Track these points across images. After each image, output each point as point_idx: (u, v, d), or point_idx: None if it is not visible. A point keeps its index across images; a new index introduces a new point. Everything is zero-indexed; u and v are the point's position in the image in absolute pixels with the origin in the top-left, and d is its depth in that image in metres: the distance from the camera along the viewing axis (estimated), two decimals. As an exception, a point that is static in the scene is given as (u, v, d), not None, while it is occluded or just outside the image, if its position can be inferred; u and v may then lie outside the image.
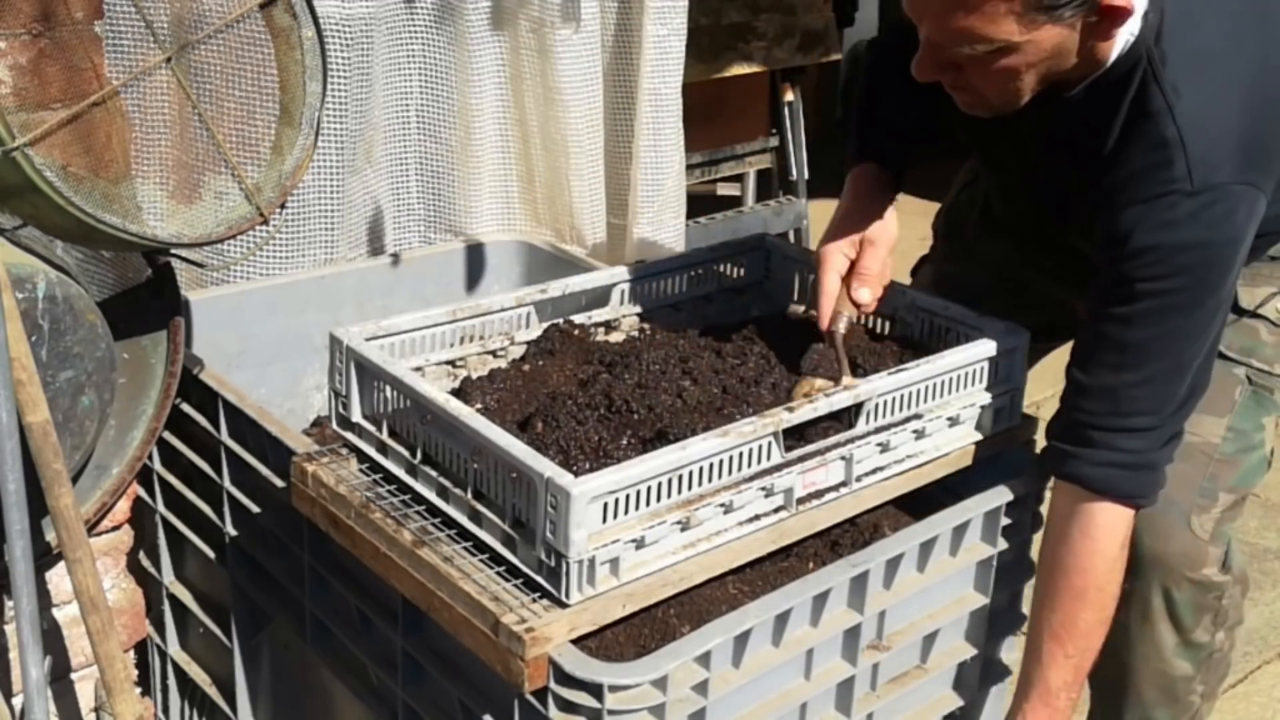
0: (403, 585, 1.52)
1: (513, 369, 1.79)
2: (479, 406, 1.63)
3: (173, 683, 2.19)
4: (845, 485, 1.64)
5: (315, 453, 1.69)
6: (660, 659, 1.41)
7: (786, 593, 1.53)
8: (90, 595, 1.66)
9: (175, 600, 2.13)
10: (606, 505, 1.40)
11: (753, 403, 1.65)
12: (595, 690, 1.37)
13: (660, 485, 1.45)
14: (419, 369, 1.72)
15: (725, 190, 4.75)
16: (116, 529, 2.02)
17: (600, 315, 1.93)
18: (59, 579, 1.94)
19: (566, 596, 1.40)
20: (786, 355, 1.77)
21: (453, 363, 1.79)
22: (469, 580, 1.45)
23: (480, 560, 1.48)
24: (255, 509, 1.88)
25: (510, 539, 1.47)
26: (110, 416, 1.84)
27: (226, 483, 1.92)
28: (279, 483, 1.78)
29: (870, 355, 1.81)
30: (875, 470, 1.67)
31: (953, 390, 1.74)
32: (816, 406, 1.58)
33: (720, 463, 1.50)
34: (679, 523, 1.48)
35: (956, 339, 1.83)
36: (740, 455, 1.52)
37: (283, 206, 1.75)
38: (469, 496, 1.52)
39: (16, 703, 1.92)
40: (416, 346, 1.76)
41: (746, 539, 1.55)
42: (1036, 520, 1.81)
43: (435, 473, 1.57)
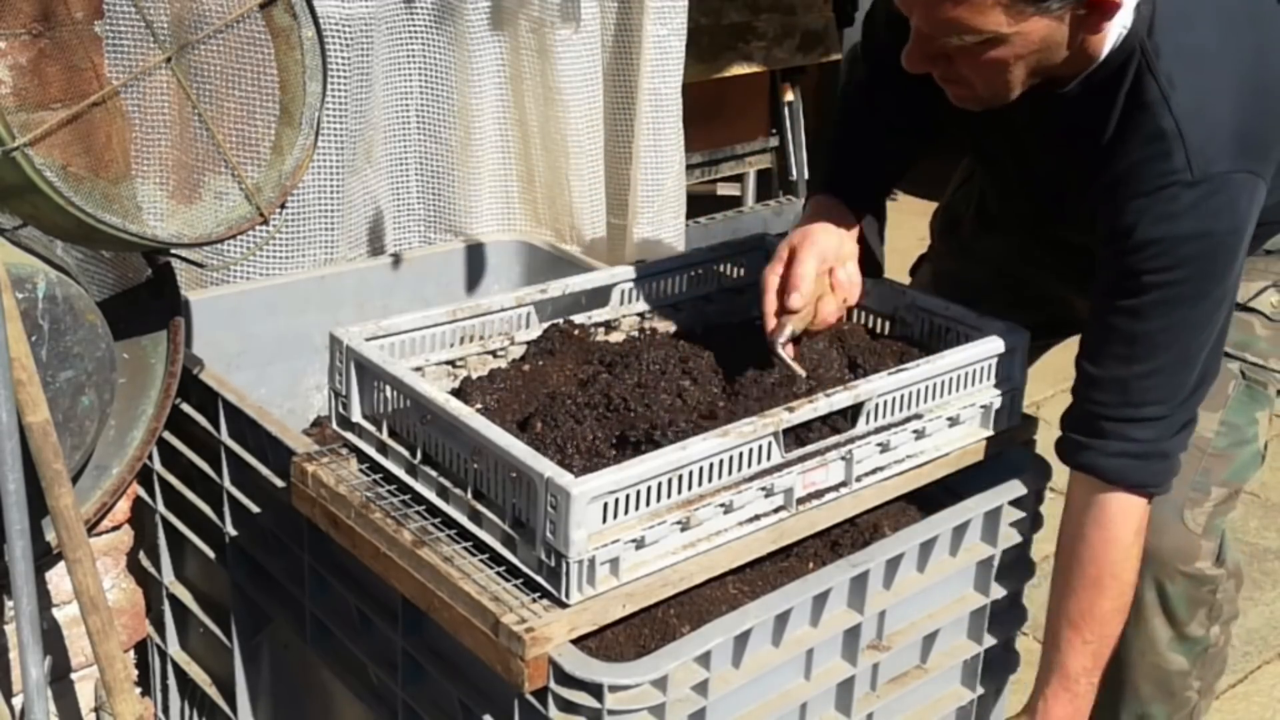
0: (403, 585, 1.52)
1: (513, 369, 1.79)
2: (479, 406, 1.63)
3: (173, 683, 2.19)
4: (845, 485, 1.64)
5: (315, 453, 1.69)
6: (660, 659, 1.41)
7: (786, 593, 1.53)
8: (90, 595, 1.66)
9: (175, 600, 2.13)
10: (606, 505, 1.40)
11: (753, 403, 1.65)
12: (595, 690, 1.37)
13: (660, 485, 1.45)
14: (419, 369, 1.72)
15: (725, 190, 4.75)
16: (116, 529, 2.02)
17: (600, 315, 1.93)
18: (59, 579, 1.94)
19: (566, 596, 1.40)
20: (786, 355, 1.77)
21: (453, 363, 1.79)
22: (469, 580, 1.45)
23: (480, 560, 1.48)
24: (255, 509, 1.88)
25: (510, 539, 1.47)
26: (110, 416, 1.84)
27: (226, 483, 1.92)
28: (279, 483, 1.78)
29: (870, 355, 1.81)
30: (875, 470, 1.67)
31: (953, 390, 1.74)
32: (816, 406, 1.58)
33: (720, 463, 1.50)
34: (679, 523, 1.48)
35: (956, 339, 1.83)
36: (740, 455, 1.52)
37: (283, 206, 1.75)
38: (469, 496, 1.52)
39: (16, 703, 1.92)
40: (416, 346, 1.75)
41: (746, 539, 1.55)
42: (1037, 520, 1.81)
43: (435, 473, 1.57)
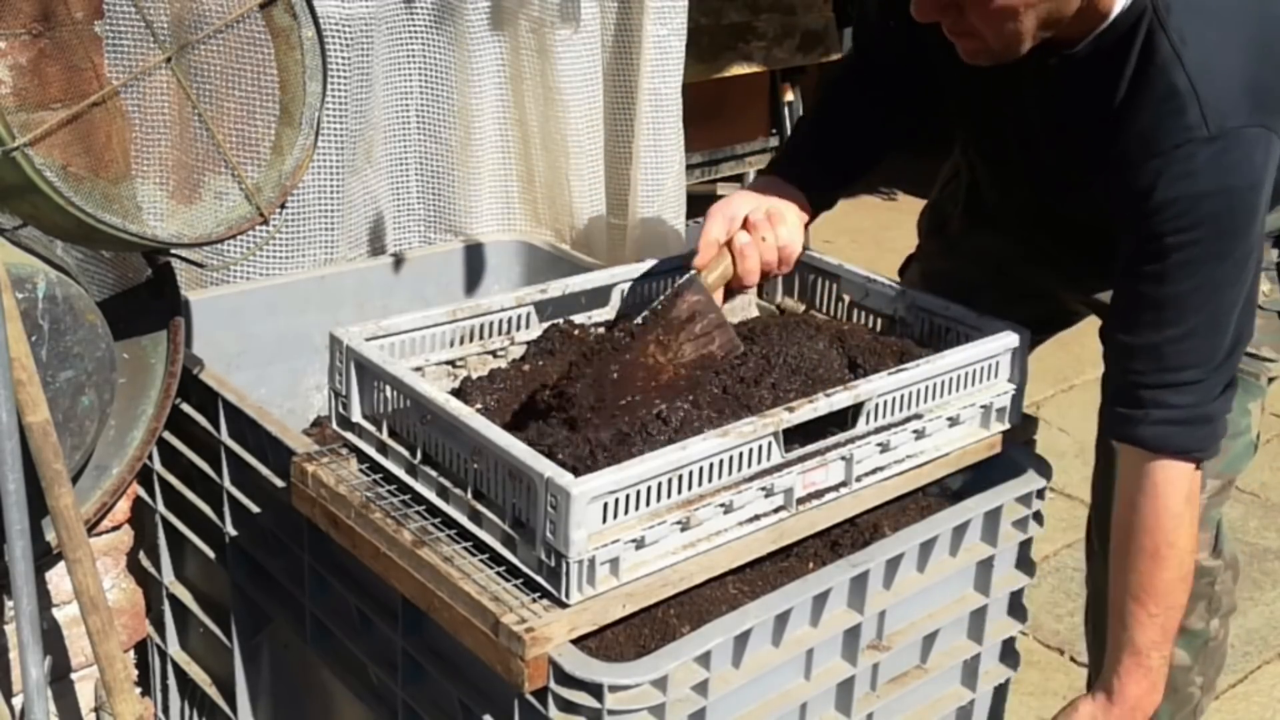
0: (403, 585, 1.52)
1: (513, 369, 1.79)
2: (479, 406, 1.63)
3: (173, 683, 2.19)
4: (845, 485, 1.64)
5: (315, 453, 1.69)
6: (660, 659, 1.41)
7: (786, 593, 1.53)
8: (90, 595, 1.66)
9: (175, 600, 2.13)
10: (606, 505, 1.40)
11: (753, 403, 1.65)
12: (595, 690, 1.37)
13: (660, 485, 1.45)
14: (419, 369, 1.72)
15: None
16: (116, 529, 2.02)
17: (600, 315, 1.93)
18: (59, 579, 1.94)
19: (566, 596, 1.40)
20: (786, 355, 1.77)
21: (453, 363, 1.79)
22: (469, 580, 1.45)
23: (480, 560, 1.48)
24: (255, 509, 1.88)
25: (510, 539, 1.47)
26: (110, 416, 1.84)
27: (226, 483, 1.92)
28: (279, 483, 1.78)
29: (870, 355, 1.81)
30: (875, 470, 1.67)
31: (953, 390, 1.74)
32: (816, 406, 1.58)
33: (720, 463, 1.50)
34: (679, 523, 1.48)
35: (956, 339, 1.84)
36: (740, 455, 1.52)
37: (283, 206, 1.75)
38: (469, 496, 1.52)
39: (16, 703, 1.92)
40: (416, 346, 1.75)
41: (746, 539, 1.55)
42: (1037, 520, 1.81)
43: (435, 473, 1.57)
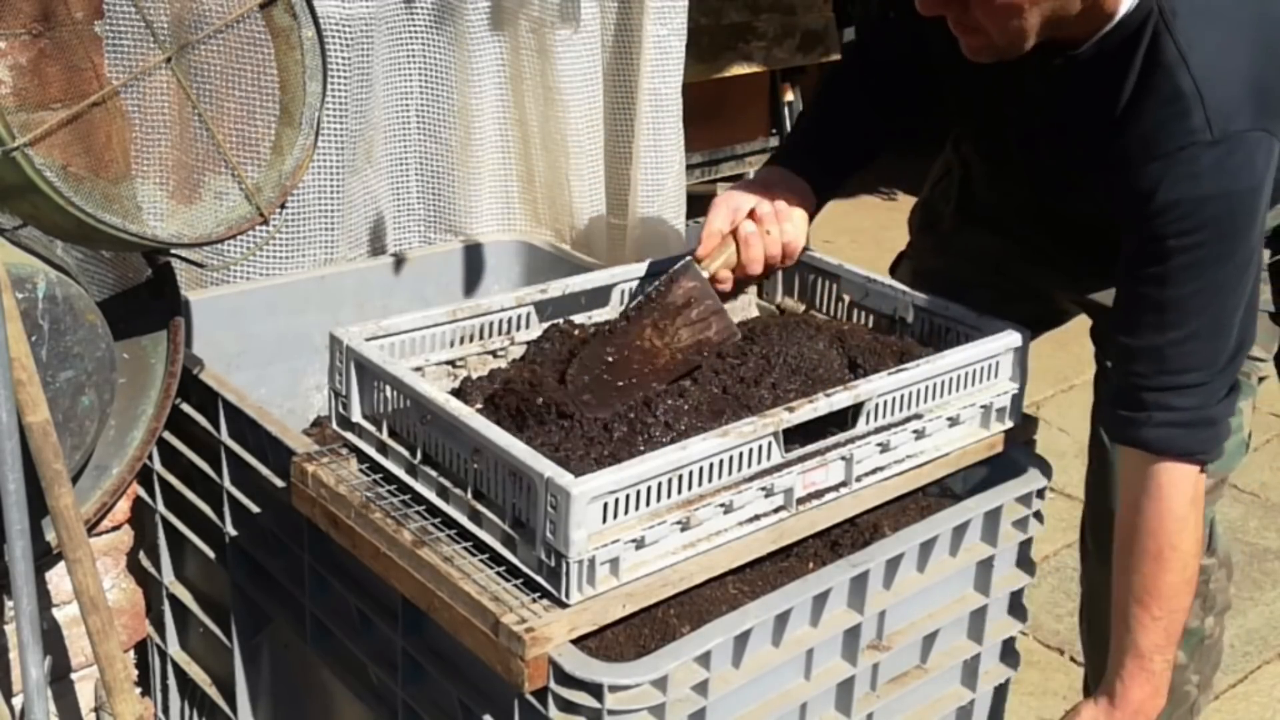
0: (403, 585, 1.52)
1: (513, 369, 1.79)
2: (479, 406, 1.63)
3: (173, 683, 2.19)
4: (845, 485, 1.64)
5: (315, 453, 1.69)
6: (660, 659, 1.41)
7: (786, 593, 1.53)
8: (90, 595, 1.66)
9: (175, 600, 2.13)
10: (606, 505, 1.40)
11: (753, 403, 1.65)
12: (595, 690, 1.37)
13: (660, 485, 1.45)
14: (419, 369, 1.72)
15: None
16: (116, 529, 2.02)
17: (600, 315, 1.93)
18: (59, 579, 1.94)
19: (566, 596, 1.41)
20: (786, 355, 1.77)
21: (453, 363, 1.79)
22: (469, 580, 1.45)
23: (480, 560, 1.48)
24: (255, 509, 1.88)
25: (510, 539, 1.47)
26: (110, 416, 1.84)
27: (226, 483, 1.92)
28: (279, 483, 1.78)
29: (870, 355, 1.81)
30: (875, 470, 1.67)
31: (953, 390, 1.74)
32: (816, 406, 1.58)
33: (720, 463, 1.50)
34: (679, 523, 1.48)
35: (956, 339, 1.84)
36: (740, 455, 1.52)
37: (283, 206, 1.75)
38: (469, 496, 1.52)
39: (16, 703, 1.92)
40: (416, 346, 1.75)
41: (746, 539, 1.55)
42: (1037, 520, 1.81)
43: (435, 473, 1.57)
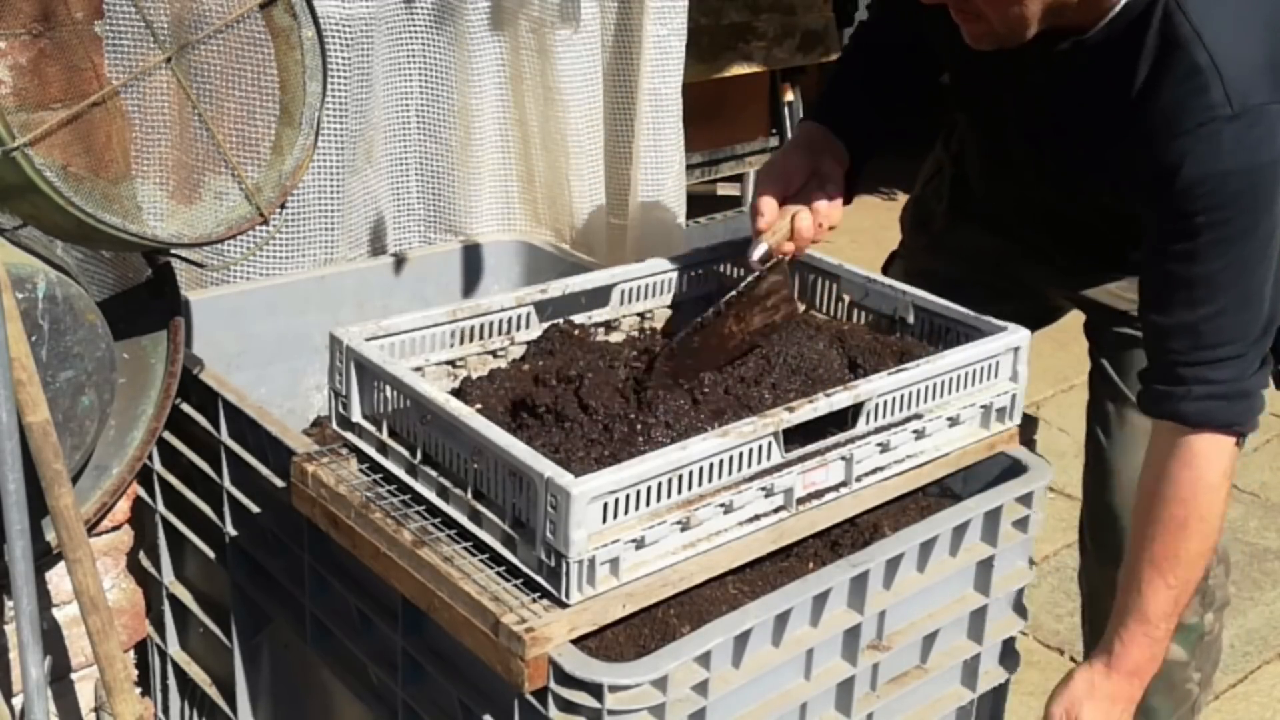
0: (403, 585, 1.52)
1: (513, 369, 1.79)
2: (479, 406, 1.63)
3: (173, 683, 2.19)
4: (845, 485, 1.64)
5: (315, 453, 1.69)
6: (660, 659, 1.41)
7: (786, 593, 1.53)
8: (90, 595, 1.66)
9: (175, 600, 2.13)
10: (606, 505, 1.40)
11: (753, 403, 1.65)
12: (595, 690, 1.37)
13: (660, 485, 1.45)
14: (419, 369, 1.72)
15: (725, 190, 4.76)
16: (116, 529, 2.02)
17: (600, 315, 1.93)
18: (59, 579, 1.94)
19: (566, 596, 1.40)
20: (786, 355, 1.77)
21: (453, 363, 1.79)
22: (469, 580, 1.45)
23: (480, 560, 1.48)
24: (255, 509, 1.88)
25: (510, 539, 1.47)
26: (110, 416, 1.84)
27: (226, 483, 1.92)
28: (279, 483, 1.78)
29: (870, 355, 1.81)
30: (875, 470, 1.67)
31: (953, 390, 1.74)
32: (816, 406, 1.58)
33: (720, 463, 1.50)
34: (679, 523, 1.48)
35: (956, 339, 1.84)
36: (740, 455, 1.52)
37: (283, 206, 1.75)
38: (469, 496, 1.52)
39: (16, 703, 1.92)
40: (416, 346, 1.75)
41: (746, 539, 1.55)
42: (1037, 520, 1.81)
43: (435, 473, 1.57)
